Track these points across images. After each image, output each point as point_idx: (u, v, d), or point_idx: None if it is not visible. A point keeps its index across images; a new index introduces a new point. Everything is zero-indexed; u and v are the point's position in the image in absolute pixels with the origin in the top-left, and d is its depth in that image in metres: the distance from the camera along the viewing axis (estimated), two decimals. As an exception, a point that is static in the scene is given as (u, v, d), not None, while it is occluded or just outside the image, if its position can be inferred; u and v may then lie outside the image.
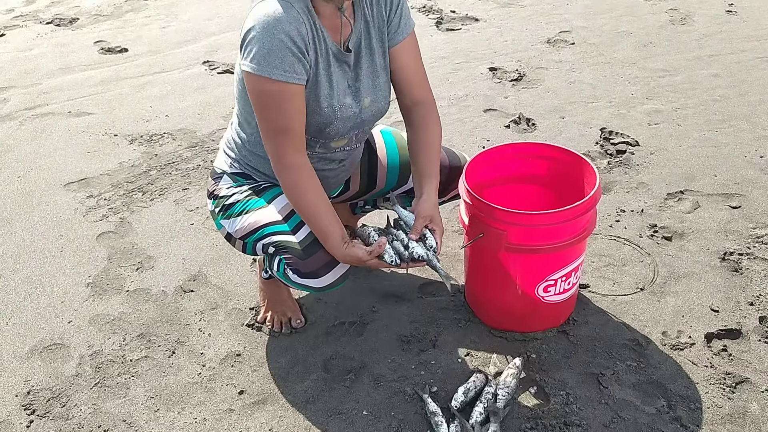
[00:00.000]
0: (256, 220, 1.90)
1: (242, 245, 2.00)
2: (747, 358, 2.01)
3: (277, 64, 1.66)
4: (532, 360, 2.03)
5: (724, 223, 2.58)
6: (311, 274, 1.84)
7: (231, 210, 1.96)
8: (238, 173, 2.00)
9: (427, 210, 1.81)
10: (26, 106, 3.76)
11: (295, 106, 1.73)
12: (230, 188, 1.99)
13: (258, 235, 1.90)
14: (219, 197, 2.00)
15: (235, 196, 1.96)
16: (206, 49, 4.43)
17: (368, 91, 1.88)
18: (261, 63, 1.65)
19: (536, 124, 3.37)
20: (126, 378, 2.04)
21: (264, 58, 1.65)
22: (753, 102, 3.48)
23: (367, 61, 1.86)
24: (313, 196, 1.78)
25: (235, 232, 1.97)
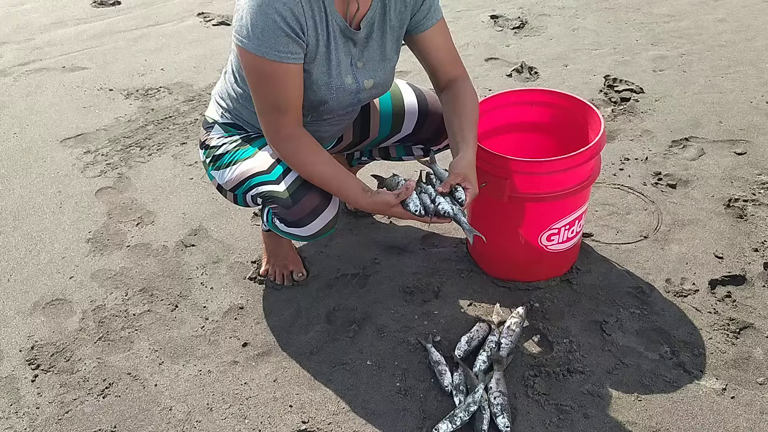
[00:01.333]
0: (243, 171, 1.86)
1: (233, 197, 1.97)
2: (751, 304, 2.00)
3: (271, 44, 1.60)
4: (535, 309, 2.02)
5: (729, 169, 2.55)
6: (297, 223, 1.83)
7: (221, 161, 1.93)
8: (229, 123, 1.96)
9: (461, 167, 1.75)
10: (20, 62, 3.70)
11: (291, 84, 1.68)
12: (220, 138, 1.95)
13: (245, 187, 1.87)
14: (210, 147, 1.97)
15: (225, 146, 1.93)
16: (200, 1, 4.34)
17: (373, 73, 1.83)
18: (254, 41, 1.60)
19: (539, 73, 3.31)
20: (129, 332, 2.04)
21: (257, 37, 1.59)
22: (759, 47, 3.41)
23: (377, 42, 1.80)
24: (317, 161, 1.74)
25: (225, 183, 1.94)
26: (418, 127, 2.09)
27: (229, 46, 3.69)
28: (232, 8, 3.83)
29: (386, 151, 2.26)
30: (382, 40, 1.80)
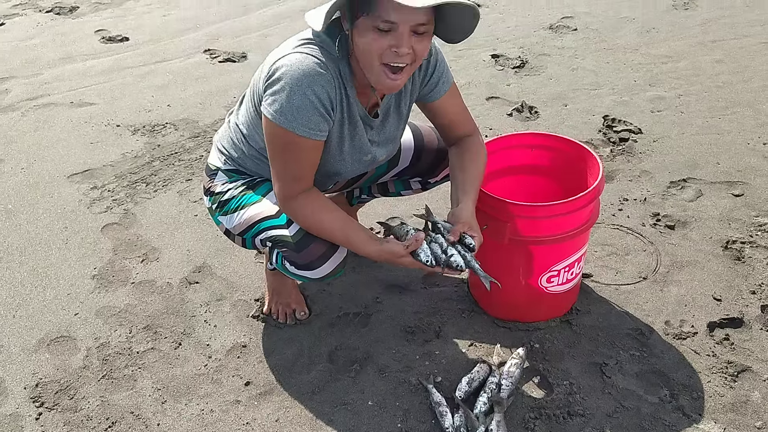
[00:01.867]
0: (252, 216, 1.91)
1: (242, 241, 2.01)
2: (749, 347, 2.02)
3: (304, 121, 1.66)
4: (536, 350, 2.04)
5: (727, 211, 2.59)
6: (307, 266, 1.86)
7: (227, 206, 1.97)
8: (232, 169, 2.00)
9: (465, 216, 1.79)
10: (28, 97, 3.76)
11: (312, 157, 1.75)
12: (225, 184, 1.99)
13: (254, 231, 1.92)
14: (215, 194, 2.01)
15: (231, 192, 1.97)
16: (207, 38, 4.42)
17: (388, 148, 1.94)
18: (288, 117, 1.65)
19: (539, 112, 3.36)
20: (133, 370, 2.06)
21: (292, 113, 1.65)
22: (756, 88, 3.47)
23: (393, 124, 1.90)
24: (323, 214, 1.78)
25: (233, 228, 1.98)
26: (414, 160, 2.15)
27: (235, 83, 3.75)
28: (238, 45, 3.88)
29: (385, 187, 2.30)
30: (397, 121, 1.91)
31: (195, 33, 4.51)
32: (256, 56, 4.11)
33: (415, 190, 2.27)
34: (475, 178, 1.88)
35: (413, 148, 2.14)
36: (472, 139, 1.96)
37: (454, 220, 1.79)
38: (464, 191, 1.85)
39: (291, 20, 4.62)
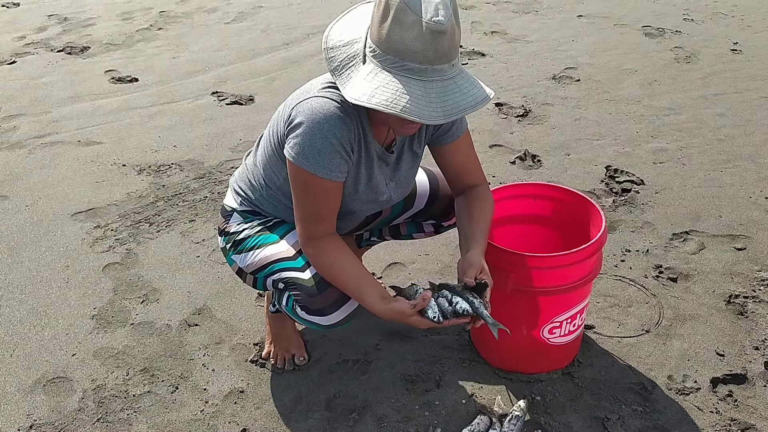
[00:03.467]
0: (267, 255, 1.91)
1: (253, 280, 2.00)
2: (753, 404, 2.00)
3: (325, 164, 1.68)
4: (537, 402, 2.02)
5: (730, 265, 2.58)
6: (319, 312, 1.84)
7: (242, 245, 1.97)
8: (248, 210, 2.01)
9: (477, 261, 1.80)
10: (36, 135, 3.80)
11: (333, 198, 1.77)
12: (240, 224, 2.00)
13: (268, 271, 1.91)
14: (230, 233, 2.01)
15: (246, 231, 1.97)
16: (215, 80, 4.48)
17: (403, 188, 1.98)
18: (309, 160, 1.67)
19: (542, 161, 3.39)
20: (129, 414, 2.03)
21: (314, 157, 1.67)
22: (758, 142, 3.50)
23: (407, 162, 1.94)
24: (340, 263, 1.78)
25: (246, 267, 1.97)
26: (429, 203, 2.17)
27: (242, 125, 3.79)
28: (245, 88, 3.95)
29: (396, 229, 2.30)
30: (411, 160, 1.94)
31: (203, 75, 4.58)
32: (263, 99, 4.16)
33: (427, 233, 2.27)
34: (483, 228, 1.89)
35: (428, 191, 2.16)
36: (480, 188, 1.98)
37: (465, 265, 1.79)
38: (474, 239, 1.85)
39: (298, 65, 4.70)
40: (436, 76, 1.54)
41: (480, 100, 1.59)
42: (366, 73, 1.57)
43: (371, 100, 1.53)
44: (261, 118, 3.89)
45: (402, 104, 1.51)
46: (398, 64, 1.53)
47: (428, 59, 1.52)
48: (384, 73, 1.55)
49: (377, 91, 1.53)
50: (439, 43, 1.51)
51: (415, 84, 1.53)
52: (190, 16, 5.79)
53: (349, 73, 1.61)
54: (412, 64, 1.52)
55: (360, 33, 1.64)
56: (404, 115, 1.51)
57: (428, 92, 1.54)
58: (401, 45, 1.51)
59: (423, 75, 1.53)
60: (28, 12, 5.97)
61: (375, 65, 1.57)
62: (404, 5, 1.49)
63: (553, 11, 5.64)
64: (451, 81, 1.57)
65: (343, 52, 1.64)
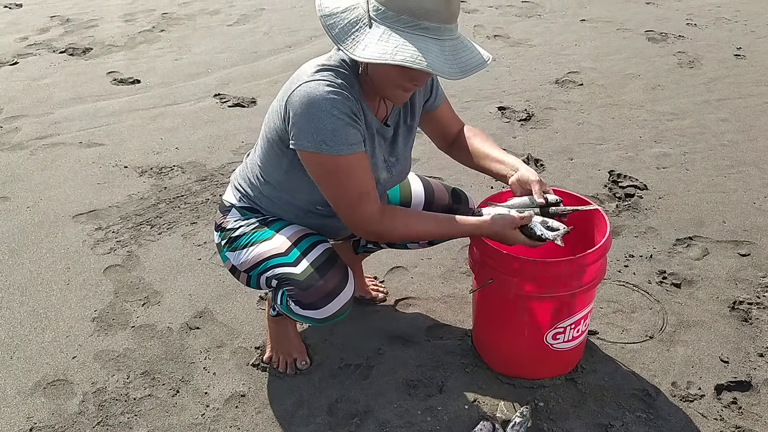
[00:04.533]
0: (260, 253, 1.90)
1: (246, 278, 1.99)
2: (757, 412, 1.98)
3: (344, 140, 1.67)
4: (540, 408, 2.00)
5: (734, 270, 2.57)
6: (312, 306, 1.84)
7: (237, 242, 1.96)
8: (246, 207, 2.01)
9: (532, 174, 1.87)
10: (37, 136, 3.79)
11: (366, 169, 1.76)
12: (237, 221, 1.99)
13: (261, 268, 1.90)
14: (226, 230, 2.00)
15: (242, 229, 1.96)
16: (218, 82, 4.48)
17: (402, 165, 1.99)
18: (329, 143, 1.66)
19: (545, 165, 3.38)
20: (129, 417, 2.02)
21: (331, 138, 1.66)
22: (761, 148, 3.49)
23: (403, 136, 1.95)
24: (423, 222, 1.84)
25: (240, 264, 1.96)
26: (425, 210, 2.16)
27: (244, 128, 3.78)
28: (247, 91, 3.94)
29: None
30: (407, 132, 1.96)
31: (206, 77, 4.57)
32: (265, 101, 4.15)
33: (421, 244, 2.26)
34: (499, 150, 2.00)
35: (423, 200, 2.17)
36: (466, 128, 2.10)
37: (524, 181, 1.87)
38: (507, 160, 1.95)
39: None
40: (447, 35, 1.59)
41: (485, 58, 1.66)
42: (379, 35, 1.57)
43: (395, 57, 1.53)
44: (263, 120, 3.87)
45: (428, 59, 1.53)
46: (413, 24, 1.55)
47: (442, 18, 1.56)
48: (400, 32, 1.56)
49: (398, 49, 1.54)
50: (451, 2, 1.55)
51: (432, 42, 1.56)
52: (192, 18, 5.78)
53: (354, 38, 1.60)
54: (428, 23, 1.55)
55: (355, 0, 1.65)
56: (430, 70, 1.54)
57: (444, 50, 1.58)
58: (416, 5, 1.53)
59: (437, 33, 1.57)
60: (30, 13, 5.97)
61: (386, 27, 1.57)
62: None
63: (555, 15, 5.63)
64: (458, 40, 1.62)
65: (342, 19, 1.62)
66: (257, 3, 6.14)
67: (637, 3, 5.87)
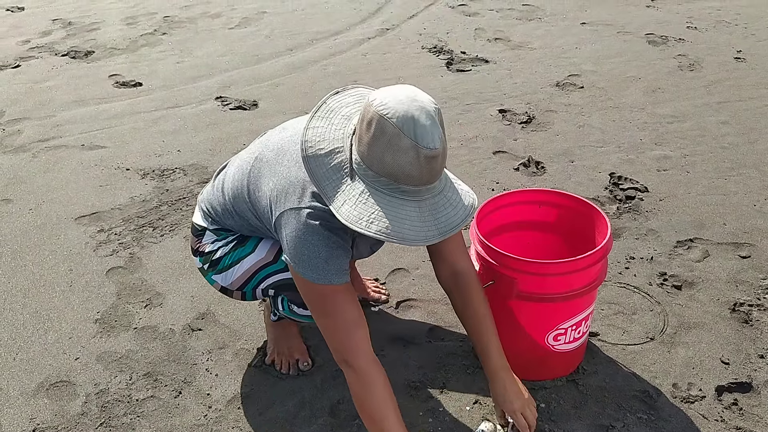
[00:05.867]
0: (249, 267, 1.92)
1: (241, 295, 2.01)
2: (758, 413, 1.99)
3: (336, 269, 1.65)
4: (541, 409, 2.01)
5: (734, 272, 2.58)
6: None
7: (220, 264, 1.98)
8: (219, 228, 2.01)
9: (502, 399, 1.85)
10: (39, 138, 3.80)
11: (355, 298, 1.72)
12: (215, 242, 2.00)
13: (254, 282, 1.92)
14: (205, 253, 2.01)
15: (222, 250, 1.97)
16: (219, 85, 4.49)
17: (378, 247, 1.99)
18: (321, 272, 1.64)
19: (545, 168, 3.38)
20: (132, 418, 2.03)
21: (324, 267, 1.64)
22: (762, 150, 3.50)
23: None
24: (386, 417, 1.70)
25: (231, 284, 1.98)
26: None
27: (245, 130, 3.79)
28: (249, 94, 3.96)
29: None
30: None
31: (207, 80, 4.58)
32: (266, 104, 4.16)
33: None
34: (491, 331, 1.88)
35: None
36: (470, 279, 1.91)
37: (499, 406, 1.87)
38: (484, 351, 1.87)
39: (302, 70, 4.70)
40: (428, 194, 1.55)
41: (469, 212, 1.61)
42: (358, 193, 1.54)
43: (370, 227, 1.51)
44: (265, 123, 3.89)
45: (401, 231, 1.51)
46: (392, 186, 1.52)
47: (423, 182, 1.52)
48: (378, 194, 1.53)
49: (374, 217, 1.51)
50: (433, 166, 1.51)
51: (410, 206, 1.53)
52: (194, 21, 5.80)
53: (335, 188, 1.57)
54: (407, 186, 1.52)
55: (340, 141, 1.61)
56: (406, 244, 1.52)
57: (422, 211, 1.54)
58: (396, 169, 1.50)
59: (417, 195, 1.54)
60: (32, 16, 5.99)
61: (367, 185, 1.55)
62: (398, 130, 1.47)
63: (556, 18, 5.64)
64: (441, 195, 1.58)
65: (325, 164, 1.59)
66: (259, 6, 6.15)
67: (638, 6, 5.88)
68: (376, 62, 4.78)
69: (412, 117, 1.47)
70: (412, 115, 1.47)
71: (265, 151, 1.82)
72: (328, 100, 1.70)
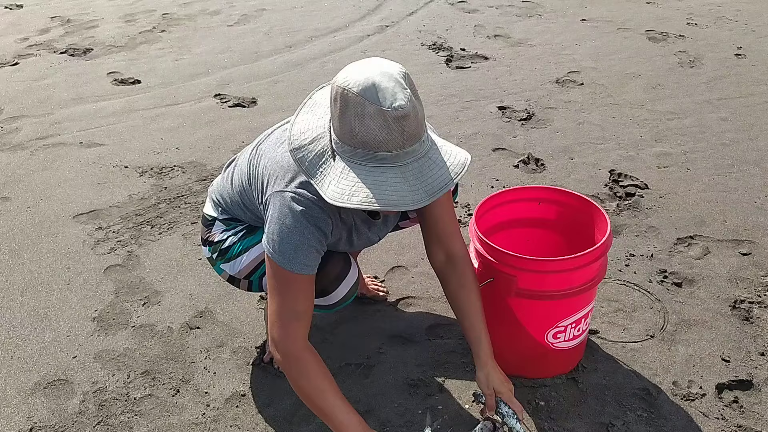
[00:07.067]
0: (257, 256, 1.92)
1: (247, 284, 2.00)
2: (758, 411, 1.98)
3: (302, 260, 1.66)
4: (541, 407, 2.00)
5: (735, 270, 2.57)
6: (321, 292, 1.86)
7: (229, 253, 1.97)
8: (229, 218, 2.02)
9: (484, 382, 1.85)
10: (38, 136, 3.79)
11: (309, 292, 1.72)
12: (224, 232, 2.00)
13: (262, 270, 1.91)
14: (214, 243, 2.01)
15: (231, 239, 1.98)
16: (218, 82, 4.47)
17: (385, 232, 1.99)
18: (287, 257, 1.65)
19: (545, 165, 3.37)
20: (129, 417, 2.02)
21: (292, 254, 1.65)
22: (762, 147, 3.49)
23: (393, 217, 1.97)
24: (324, 391, 1.70)
25: (238, 273, 1.98)
26: None
27: (244, 128, 3.78)
28: (248, 91, 3.95)
29: None
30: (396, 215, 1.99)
31: (206, 78, 4.57)
32: (265, 101, 4.15)
33: (412, 219, 2.24)
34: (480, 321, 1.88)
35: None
36: (464, 266, 1.90)
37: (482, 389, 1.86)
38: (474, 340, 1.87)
39: (301, 67, 4.69)
40: (409, 158, 1.52)
41: (459, 170, 1.56)
42: (339, 171, 1.54)
43: (351, 199, 1.49)
44: (264, 120, 3.88)
45: (384, 197, 1.49)
46: (369, 156, 1.51)
47: (398, 145, 1.49)
48: (357, 167, 1.52)
49: (355, 189, 1.50)
50: (404, 127, 1.48)
51: (390, 172, 1.51)
52: (192, 19, 5.78)
53: (322, 171, 1.57)
54: (383, 153, 1.50)
55: (322, 127, 1.62)
56: (388, 209, 1.50)
57: (406, 176, 1.51)
58: (367, 137, 1.48)
59: (396, 160, 1.51)
60: (31, 14, 5.97)
61: (346, 161, 1.54)
62: (361, 98, 1.46)
63: (556, 15, 5.63)
64: (425, 158, 1.55)
65: (310, 151, 1.59)
66: (258, 3, 6.13)
67: (638, 2, 5.87)
68: (376, 59, 4.76)
69: (372, 83, 1.47)
70: (373, 82, 1.47)
71: (265, 142, 1.84)
72: (314, 95, 1.73)
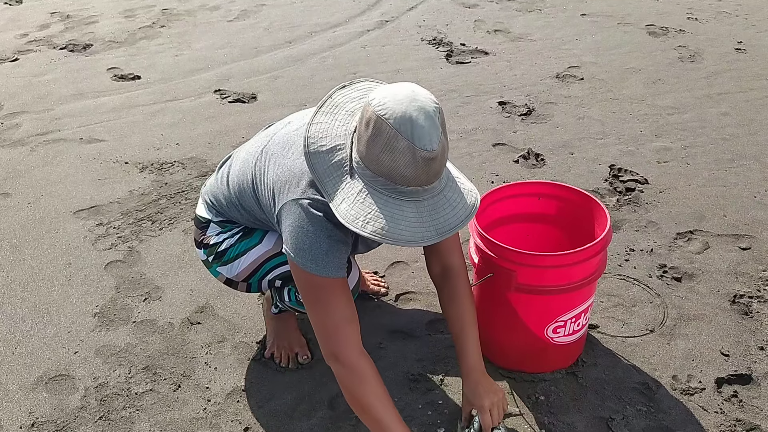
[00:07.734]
0: (256, 259, 1.91)
1: (246, 286, 2.01)
2: (758, 405, 1.99)
3: (336, 262, 1.64)
4: (541, 402, 2.01)
5: (734, 264, 2.57)
6: None
7: (226, 256, 1.97)
8: (224, 220, 2.00)
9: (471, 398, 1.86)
10: (38, 132, 3.79)
11: (350, 292, 1.71)
12: (219, 234, 1.99)
13: (261, 273, 1.91)
14: (210, 245, 2.00)
15: (227, 241, 1.97)
16: (218, 78, 4.47)
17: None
18: (320, 263, 1.63)
19: (545, 160, 3.37)
20: (131, 412, 2.03)
21: (324, 259, 1.63)
22: (762, 142, 3.49)
23: None
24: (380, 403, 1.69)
25: (237, 276, 1.98)
26: None
27: (244, 123, 3.77)
28: (248, 86, 3.95)
29: None
30: None
31: (206, 73, 4.56)
32: (265, 97, 4.15)
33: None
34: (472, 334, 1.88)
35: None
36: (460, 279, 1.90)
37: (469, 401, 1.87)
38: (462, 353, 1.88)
39: (301, 63, 4.68)
40: (427, 194, 1.54)
41: (469, 212, 1.59)
42: (356, 192, 1.54)
43: (365, 227, 1.50)
44: (264, 116, 3.88)
45: (397, 232, 1.50)
46: (390, 187, 1.51)
47: (420, 183, 1.50)
48: (376, 194, 1.52)
49: (370, 217, 1.50)
50: (431, 168, 1.49)
51: (407, 206, 1.52)
52: (192, 14, 5.77)
53: (335, 184, 1.57)
54: (405, 188, 1.50)
55: (341, 138, 1.60)
56: (398, 244, 1.51)
57: (420, 212, 1.53)
58: (394, 170, 1.48)
59: (415, 196, 1.52)
60: (30, 9, 5.96)
61: (364, 185, 1.54)
62: (395, 132, 1.45)
63: (556, 10, 5.62)
64: (440, 195, 1.56)
65: (326, 161, 1.59)
66: (257, -2, 6.13)
67: (638, -3, 5.87)
68: (376, 54, 4.76)
69: (409, 118, 1.46)
70: (410, 116, 1.46)
71: (270, 144, 1.81)
72: (334, 95, 1.69)
